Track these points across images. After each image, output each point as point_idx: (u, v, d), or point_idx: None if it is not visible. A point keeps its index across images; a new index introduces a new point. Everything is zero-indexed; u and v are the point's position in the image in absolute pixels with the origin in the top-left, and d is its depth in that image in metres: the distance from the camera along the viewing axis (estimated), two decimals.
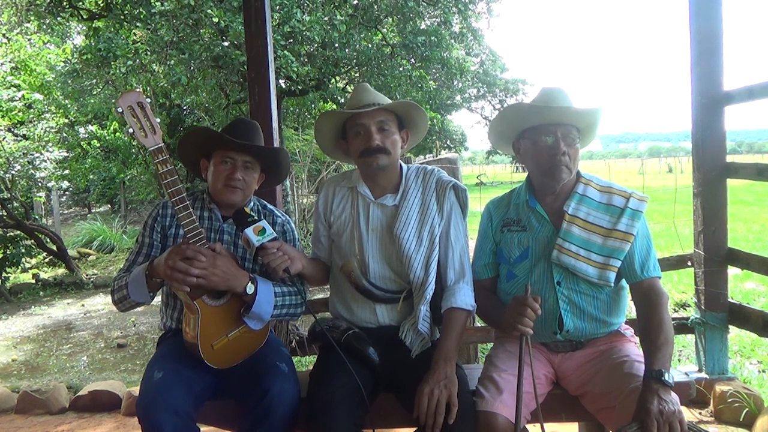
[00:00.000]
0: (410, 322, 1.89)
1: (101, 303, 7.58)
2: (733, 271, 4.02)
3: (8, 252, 8.31)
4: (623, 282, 1.86)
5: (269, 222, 2.01)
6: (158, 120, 1.81)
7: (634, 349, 1.83)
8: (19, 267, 9.00)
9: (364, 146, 1.89)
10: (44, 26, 9.47)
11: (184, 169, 7.30)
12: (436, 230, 1.91)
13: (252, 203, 2.08)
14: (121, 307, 1.91)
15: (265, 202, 2.15)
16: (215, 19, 6.98)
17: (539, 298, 1.66)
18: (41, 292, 8.53)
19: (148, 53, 8.15)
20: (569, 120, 1.79)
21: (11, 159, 8.61)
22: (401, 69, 9.21)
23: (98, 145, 12.24)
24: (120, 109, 1.66)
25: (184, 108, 12.10)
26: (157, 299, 2.07)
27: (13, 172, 8.76)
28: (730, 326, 2.94)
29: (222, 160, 1.94)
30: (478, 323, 2.74)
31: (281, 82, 8.63)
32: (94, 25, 8.57)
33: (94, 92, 10.22)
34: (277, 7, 7.53)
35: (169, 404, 1.64)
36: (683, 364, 3.56)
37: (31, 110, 10.07)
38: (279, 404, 1.71)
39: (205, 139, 1.98)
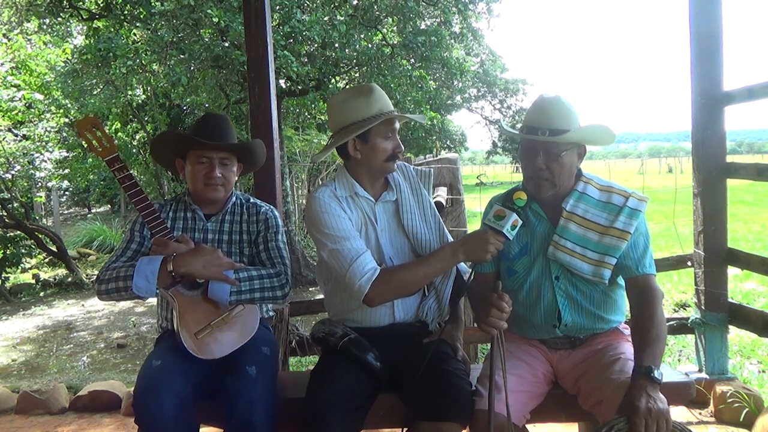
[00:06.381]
0: (433, 297, 1.97)
1: (101, 303, 7.57)
2: (733, 271, 4.02)
3: (8, 252, 8.30)
4: (620, 280, 1.86)
5: (252, 212, 2.07)
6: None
7: (630, 348, 1.82)
8: (19, 267, 8.99)
9: (393, 149, 1.89)
10: (44, 26, 9.46)
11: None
12: (436, 214, 2.01)
13: (234, 197, 2.10)
14: (108, 298, 1.86)
15: (249, 196, 2.18)
16: (215, 19, 6.97)
17: (505, 296, 1.67)
18: (41, 293, 8.53)
19: (148, 53, 8.12)
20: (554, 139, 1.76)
21: (11, 159, 8.62)
22: (401, 69, 9.19)
23: None
24: (77, 132, 1.84)
25: (184, 108, 12.07)
26: (155, 300, 2.08)
27: (13, 172, 8.77)
28: (730, 326, 2.94)
29: (198, 161, 1.98)
30: None
31: (281, 82, 8.62)
32: (94, 25, 8.56)
33: (94, 92, 10.18)
34: (277, 7, 7.52)
35: (170, 387, 1.68)
36: (683, 364, 3.56)
37: (31, 110, 10.06)
38: (251, 420, 1.70)
39: (177, 141, 2.03)
